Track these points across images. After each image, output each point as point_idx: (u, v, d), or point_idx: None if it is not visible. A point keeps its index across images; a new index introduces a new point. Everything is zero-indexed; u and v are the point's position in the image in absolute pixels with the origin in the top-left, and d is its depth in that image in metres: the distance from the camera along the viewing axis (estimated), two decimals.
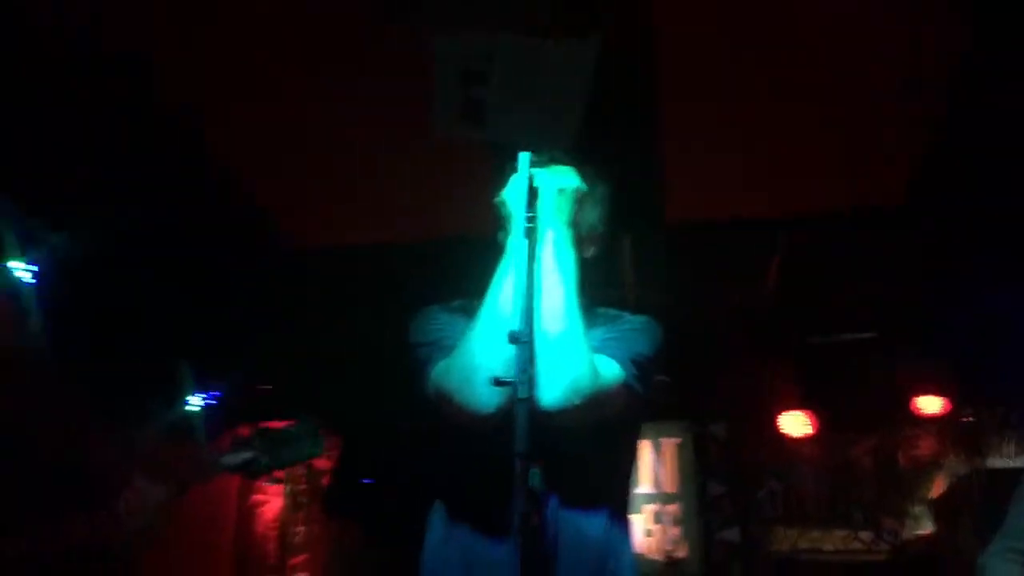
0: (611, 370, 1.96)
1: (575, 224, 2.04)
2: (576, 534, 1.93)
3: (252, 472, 2.52)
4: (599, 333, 2.08)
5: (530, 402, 1.60)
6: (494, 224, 2.18)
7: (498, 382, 1.71)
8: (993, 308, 5.10)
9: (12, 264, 3.77)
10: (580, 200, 2.05)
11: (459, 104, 2.56)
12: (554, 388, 1.84)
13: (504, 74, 2.54)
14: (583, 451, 1.93)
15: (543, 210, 1.98)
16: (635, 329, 2.13)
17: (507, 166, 2.09)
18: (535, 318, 1.83)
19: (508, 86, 2.56)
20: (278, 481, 2.83)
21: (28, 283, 3.86)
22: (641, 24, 3.04)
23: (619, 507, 2.10)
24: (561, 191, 2.03)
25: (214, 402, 5.20)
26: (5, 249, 3.68)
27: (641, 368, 2.03)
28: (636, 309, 2.24)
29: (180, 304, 4.36)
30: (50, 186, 3.56)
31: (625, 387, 1.98)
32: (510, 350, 1.72)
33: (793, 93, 3.41)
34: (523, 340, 1.71)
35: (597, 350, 1.97)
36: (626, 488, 2.19)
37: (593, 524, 1.99)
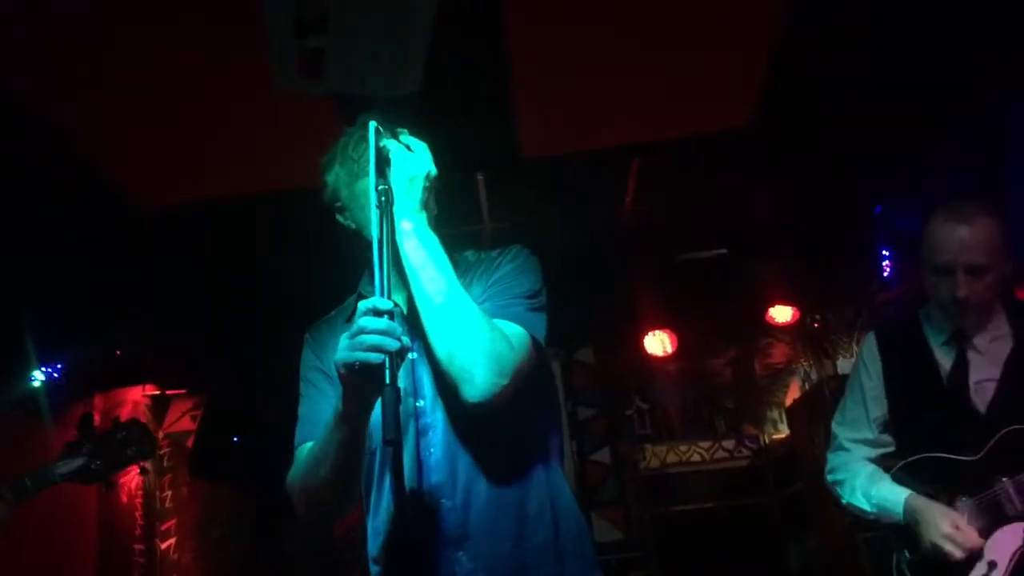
0: (515, 332, 1.88)
1: (428, 206, 1.94)
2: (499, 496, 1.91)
3: (85, 478, 2.32)
4: (477, 289, 1.99)
5: (395, 389, 1.53)
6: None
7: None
8: (834, 218, 5.39)
9: None
10: (431, 181, 1.93)
11: (296, 55, 2.40)
12: (479, 380, 1.77)
13: (342, 21, 2.39)
14: (510, 421, 1.89)
15: (397, 199, 1.84)
16: (512, 270, 2.03)
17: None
18: (428, 325, 1.83)
19: (347, 33, 2.42)
20: (110, 486, 2.61)
21: None
22: None
23: (547, 456, 2.06)
24: (412, 179, 1.89)
25: (57, 375, 4.88)
26: None
27: (536, 309, 1.97)
28: (493, 242, 2.15)
29: (19, 275, 4.06)
30: None
31: (531, 339, 1.91)
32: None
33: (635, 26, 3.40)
34: (389, 313, 1.63)
35: (487, 312, 1.87)
36: (550, 434, 2.13)
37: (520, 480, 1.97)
